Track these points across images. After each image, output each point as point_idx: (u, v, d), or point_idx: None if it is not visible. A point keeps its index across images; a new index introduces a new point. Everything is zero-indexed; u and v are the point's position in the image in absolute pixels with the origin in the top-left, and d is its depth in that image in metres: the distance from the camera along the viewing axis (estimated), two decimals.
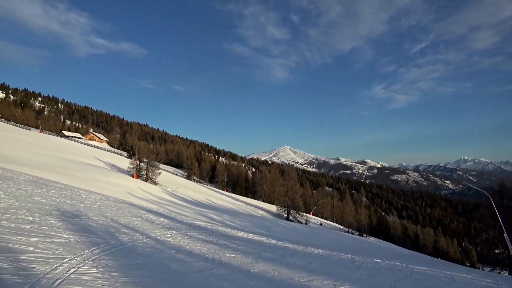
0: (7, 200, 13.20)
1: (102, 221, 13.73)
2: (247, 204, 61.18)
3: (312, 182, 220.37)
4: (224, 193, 77.21)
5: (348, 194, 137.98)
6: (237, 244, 14.29)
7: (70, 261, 7.10)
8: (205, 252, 11.17)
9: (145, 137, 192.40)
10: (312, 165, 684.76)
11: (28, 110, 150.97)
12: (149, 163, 54.25)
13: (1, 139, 55.77)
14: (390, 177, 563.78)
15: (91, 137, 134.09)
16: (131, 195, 33.58)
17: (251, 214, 47.46)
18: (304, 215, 57.58)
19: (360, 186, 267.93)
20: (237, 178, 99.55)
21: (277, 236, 23.23)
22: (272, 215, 54.12)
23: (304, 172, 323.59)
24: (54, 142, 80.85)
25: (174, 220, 19.91)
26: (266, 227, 31.71)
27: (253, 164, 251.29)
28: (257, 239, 17.78)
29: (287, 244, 16.94)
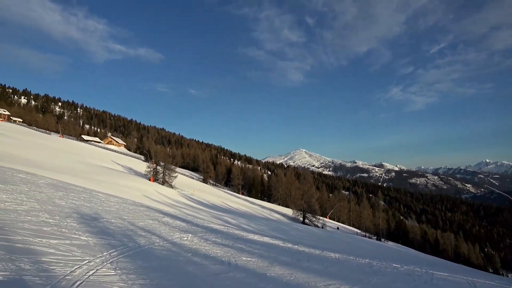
0: (29, 203, 13.57)
1: (120, 223, 13.92)
2: (262, 208, 61.05)
3: (328, 185, 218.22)
4: (239, 196, 77.30)
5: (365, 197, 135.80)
6: (253, 248, 14.24)
7: (89, 263, 7.21)
8: (221, 256, 11.18)
9: (161, 141, 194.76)
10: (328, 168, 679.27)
11: (49, 115, 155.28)
12: (166, 167, 54.84)
13: (24, 144, 57.40)
14: (408, 180, 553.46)
15: (109, 141, 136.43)
16: (148, 198, 33.98)
17: (267, 217, 47.32)
18: (320, 219, 57.07)
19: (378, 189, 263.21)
20: (252, 181, 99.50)
21: (293, 240, 23.07)
22: (288, 219, 53.84)
23: (320, 175, 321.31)
24: (73, 146, 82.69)
25: (190, 223, 20.02)
26: (282, 231, 31.54)
27: (268, 168, 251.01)
28: (273, 242, 17.69)
29: (303, 248, 16.80)
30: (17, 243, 7.56)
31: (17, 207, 12.21)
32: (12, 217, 10.46)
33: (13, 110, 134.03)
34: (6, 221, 9.60)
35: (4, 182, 17.66)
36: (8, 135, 64.00)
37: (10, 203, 12.68)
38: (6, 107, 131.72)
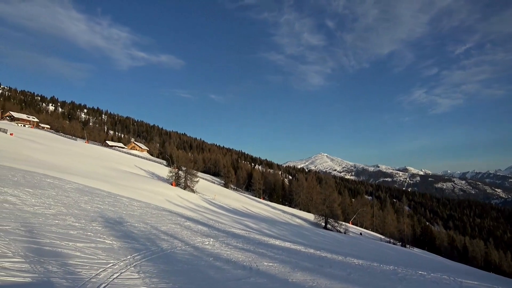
0: (56, 207, 14.01)
1: (143, 227, 14.14)
2: (284, 213, 60.71)
3: (350, 190, 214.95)
4: (261, 201, 77.19)
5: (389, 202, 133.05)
6: (275, 253, 14.16)
7: (113, 266, 7.34)
8: (243, 260, 11.15)
9: (183, 146, 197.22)
10: (350, 173, 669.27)
11: (75, 122, 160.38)
12: (187, 172, 55.45)
13: (51, 149, 59.38)
14: (434, 185, 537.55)
15: (133, 146, 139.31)
16: (170, 202, 34.39)
17: (288, 222, 47.01)
18: (343, 224, 56.19)
19: (402, 194, 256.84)
20: (273, 186, 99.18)
21: (315, 245, 22.80)
22: (309, 224, 53.30)
23: (342, 180, 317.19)
24: (98, 151, 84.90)
25: (212, 228, 20.12)
26: (304, 236, 31.25)
27: (289, 172, 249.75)
28: (294, 248, 17.53)
29: (326, 254, 16.56)
30: (45, 246, 7.80)
31: (45, 211, 12.62)
32: (41, 220, 10.81)
33: (42, 117, 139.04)
34: (35, 225, 9.93)
35: (33, 187, 18.30)
36: (37, 141, 66.39)
37: (38, 207, 13.12)
38: (35, 114, 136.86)
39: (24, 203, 13.25)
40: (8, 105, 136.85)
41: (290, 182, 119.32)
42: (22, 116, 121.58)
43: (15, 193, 14.99)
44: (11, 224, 9.27)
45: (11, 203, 12.58)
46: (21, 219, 10.26)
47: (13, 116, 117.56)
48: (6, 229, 8.61)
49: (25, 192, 15.72)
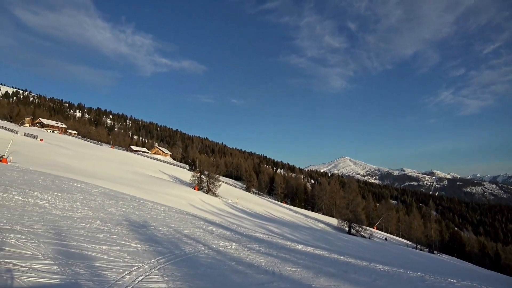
0: (83, 211, 14.41)
1: (166, 231, 14.31)
2: (306, 217, 60.13)
3: (375, 194, 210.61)
4: (283, 205, 76.78)
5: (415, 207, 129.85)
6: (298, 258, 14.01)
7: (138, 269, 7.45)
8: (265, 265, 11.09)
9: (205, 150, 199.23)
10: (374, 177, 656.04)
11: (101, 127, 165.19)
12: (210, 176, 55.86)
13: (79, 155, 61.23)
14: (462, 189, 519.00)
15: (156, 151, 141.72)
16: (193, 206, 34.71)
17: (311, 227, 46.51)
18: (367, 229, 55.07)
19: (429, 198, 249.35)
20: (295, 190, 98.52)
21: (339, 250, 22.43)
22: (333, 229, 52.57)
23: (365, 184, 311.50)
24: (123, 156, 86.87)
25: (234, 232, 20.14)
26: (327, 241, 30.82)
27: (312, 176, 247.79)
28: (318, 253, 17.31)
29: (350, 259, 16.26)
30: (73, 248, 8.01)
31: (73, 214, 13.00)
32: (69, 223, 11.14)
33: (69, 123, 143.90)
34: (63, 228, 10.24)
35: (62, 191, 18.89)
36: (65, 147, 68.66)
37: (66, 211, 13.53)
38: (63, 121, 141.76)
39: (53, 207, 13.70)
40: (38, 112, 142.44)
41: (312, 186, 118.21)
42: (51, 122, 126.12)
43: (44, 197, 15.52)
44: (41, 227, 9.60)
45: (41, 207, 13.03)
46: (51, 222, 10.60)
47: (42, 122, 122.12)
48: (37, 231, 8.92)
49: (54, 196, 16.26)
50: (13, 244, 7.19)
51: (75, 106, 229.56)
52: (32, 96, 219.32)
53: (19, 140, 59.31)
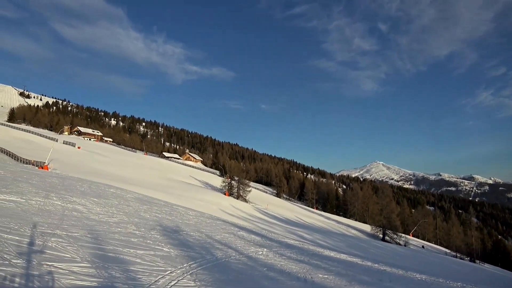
0: (119, 216, 14.86)
1: (198, 236, 14.47)
2: (338, 223, 59.03)
3: (410, 200, 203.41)
4: (314, 211, 75.79)
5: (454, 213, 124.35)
6: (330, 265, 13.73)
7: (171, 273, 7.55)
8: (297, 272, 10.94)
9: (235, 156, 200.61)
10: (409, 182, 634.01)
11: (135, 135, 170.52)
12: (240, 181, 56.16)
13: (114, 161, 63.41)
14: (506, 194, 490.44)
15: (187, 157, 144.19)
16: (224, 212, 34.96)
17: (343, 233, 45.60)
18: (402, 236, 53.27)
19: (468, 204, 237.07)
20: (327, 195, 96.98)
21: (373, 258, 21.79)
22: (366, 235, 51.26)
23: (400, 189, 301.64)
24: (156, 162, 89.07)
25: (265, 238, 20.06)
26: (360, 248, 30.05)
27: (343, 181, 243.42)
28: (351, 260, 16.89)
29: (385, 267, 15.74)
30: (109, 252, 8.25)
31: (108, 219, 13.43)
32: (105, 228, 11.51)
33: (105, 131, 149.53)
34: (100, 232, 10.59)
35: (98, 196, 19.60)
36: (101, 154, 71.38)
37: (103, 215, 14.00)
38: (99, 129, 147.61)
39: (90, 212, 14.22)
40: (76, 121, 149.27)
41: (344, 191, 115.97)
42: (88, 130, 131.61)
43: (82, 202, 16.15)
44: (79, 231, 9.97)
45: (79, 212, 13.56)
46: (88, 227, 11.00)
47: (80, 131, 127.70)
48: (75, 236, 9.27)
49: (91, 201, 16.88)
50: (53, 248, 7.50)
51: (110, 115, 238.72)
52: (71, 106, 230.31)
53: (59, 148, 62.28)
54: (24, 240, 7.63)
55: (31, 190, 16.30)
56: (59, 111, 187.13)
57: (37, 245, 7.44)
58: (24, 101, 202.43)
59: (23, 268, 5.72)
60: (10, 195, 13.59)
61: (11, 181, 18.29)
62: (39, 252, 6.90)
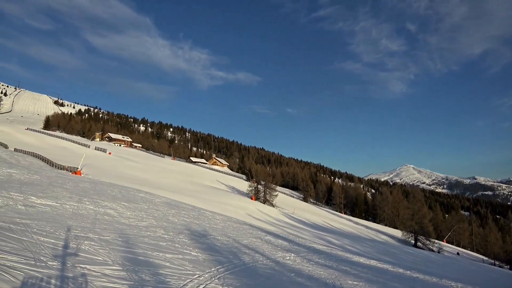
0: (148, 220, 15.17)
1: (225, 241, 14.53)
2: (367, 228, 57.72)
3: (443, 204, 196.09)
4: (342, 215, 74.51)
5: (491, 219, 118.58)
6: (359, 271, 13.40)
7: (199, 277, 7.60)
8: (325, 277, 10.74)
9: (261, 160, 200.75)
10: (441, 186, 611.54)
11: (163, 140, 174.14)
12: (266, 186, 56.08)
13: (143, 166, 64.98)
14: None
15: (214, 162, 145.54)
16: (251, 216, 34.99)
17: (372, 239, 44.53)
18: (435, 242, 51.36)
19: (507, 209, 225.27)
20: (355, 200, 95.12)
21: (405, 264, 21.11)
22: (397, 241, 49.82)
23: (432, 193, 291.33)
24: (183, 167, 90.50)
25: (292, 243, 19.89)
26: (391, 254, 29.22)
27: (372, 185, 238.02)
28: (381, 266, 16.44)
29: (417, 275, 15.20)
30: (139, 255, 8.42)
31: (138, 223, 13.74)
32: (135, 232, 11.78)
33: (134, 136, 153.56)
34: (130, 236, 10.84)
35: (128, 201, 20.11)
36: (131, 159, 73.35)
37: (133, 220, 14.35)
38: (129, 134, 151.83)
39: (121, 216, 14.60)
40: (107, 127, 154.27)
41: (373, 196, 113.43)
42: (118, 136, 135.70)
43: (113, 206, 16.61)
44: (110, 235, 10.25)
45: (110, 216, 13.95)
46: (119, 230, 11.29)
47: (111, 137, 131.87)
48: (107, 239, 9.53)
49: (121, 206, 17.34)
50: (86, 250, 7.74)
51: (139, 121, 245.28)
52: (102, 113, 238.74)
53: (91, 153, 64.55)
54: (59, 243, 7.91)
55: (65, 195, 16.95)
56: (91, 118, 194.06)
57: (71, 248, 7.70)
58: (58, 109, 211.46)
59: (58, 270, 5.93)
60: (46, 200, 14.18)
61: (47, 186, 19.09)
62: (73, 255, 7.14)
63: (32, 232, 8.32)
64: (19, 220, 9.51)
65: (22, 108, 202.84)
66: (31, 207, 12.19)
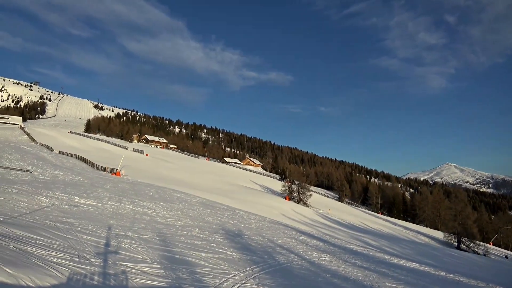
0: (184, 219, 15.51)
1: (260, 240, 14.55)
2: (406, 229, 55.80)
3: (488, 205, 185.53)
4: (379, 216, 72.47)
5: None
6: (398, 273, 12.96)
7: (234, 277, 7.66)
8: (362, 279, 10.48)
9: (295, 160, 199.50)
10: (486, 185, 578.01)
11: (197, 141, 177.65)
12: (300, 185, 55.64)
13: (179, 167, 66.52)
14: None
15: (247, 162, 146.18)
16: (285, 216, 34.83)
17: (412, 240, 43.00)
18: (481, 245, 48.73)
19: None
20: (392, 200, 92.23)
21: (447, 267, 20.20)
22: (438, 243, 47.79)
23: (476, 193, 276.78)
24: (217, 168, 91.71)
25: (328, 243, 19.60)
26: (432, 256, 28.05)
27: (410, 185, 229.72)
28: (422, 269, 15.82)
29: (461, 278, 14.48)
30: (176, 254, 8.62)
31: (175, 223, 14.07)
32: (172, 231, 12.07)
33: (170, 138, 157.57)
34: (167, 235, 11.13)
35: (165, 201, 20.66)
36: (167, 160, 75.32)
37: (170, 219, 14.72)
38: (164, 136, 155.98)
39: (158, 215, 15.03)
40: (143, 129, 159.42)
41: (411, 195, 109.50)
42: (154, 138, 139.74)
43: (151, 206, 17.13)
44: (149, 234, 10.57)
45: (148, 215, 14.40)
46: (156, 229, 11.62)
47: (147, 138, 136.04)
48: (145, 238, 9.84)
49: (158, 206, 17.84)
50: (126, 248, 8.03)
51: (174, 123, 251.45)
52: (138, 116, 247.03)
53: (129, 155, 67.01)
54: (101, 241, 8.26)
55: (106, 195, 17.69)
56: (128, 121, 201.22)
57: (112, 246, 8.01)
58: (98, 113, 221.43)
59: (101, 267, 6.18)
60: (88, 200, 14.86)
61: (88, 186, 20.01)
62: (114, 253, 7.42)
63: (76, 231, 8.75)
64: (64, 219, 10.03)
65: (65, 112, 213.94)
66: (75, 206, 12.83)
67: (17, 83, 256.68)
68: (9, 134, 72.25)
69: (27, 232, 7.24)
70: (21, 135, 74.94)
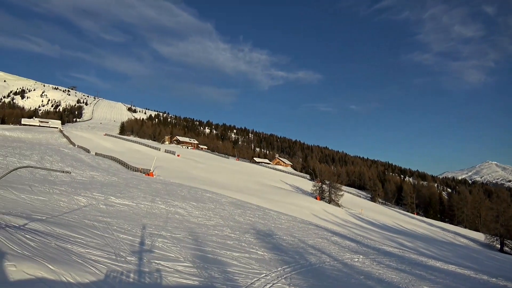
0: (215, 219, 15.70)
1: (291, 240, 14.47)
2: (444, 230, 53.65)
3: None
4: (414, 216, 70.14)
5: None
6: (436, 276, 12.46)
7: (266, 276, 7.65)
8: (398, 282, 10.17)
9: (325, 160, 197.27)
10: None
11: (227, 141, 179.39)
12: (331, 185, 54.84)
13: (209, 167, 67.41)
14: None
15: (277, 162, 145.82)
16: (316, 216, 34.46)
17: (450, 242, 41.31)
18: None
19: None
20: (428, 200, 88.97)
21: (490, 271, 19.21)
22: (479, 245, 45.62)
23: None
24: (247, 168, 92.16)
25: (361, 244, 19.18)
26: (473, 259, 26.81)
27: (447, 184, 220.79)
28: (461, 272, 15.14)
29: (506, 283, 13.72)
30: (208, 253, 8.73)
31: (206, 222, 14.27)
32: (203, 230, 12.25)
33: (200, 139, 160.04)
34: (199, 234, 11.30)
35: (197, 200, 21.00)
36: (198, 161, 76.55)
37: (201, 219, 14.95)
38: (195, 137, 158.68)
39: (190, 215, 15.29)
40: (175, 131, 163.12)
41: (449, 195, 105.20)
42: (185, 139, 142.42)
43: (183, 206, 17.46)
44: (181, 233, 10.78)
45: (180, 215, 14.68)
46: (189, 229, 11.83)
47: (178, 140, 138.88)
48: (178, 237, 10.04)
49: (190, 205, 18.16)
50: (160, 247, 8.22)
51: (204, 123, 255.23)
52: (170, 117, 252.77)
53: (161, 156, 68.68)
54: (136, 240, 8.50)
55: (139, 195, 18.21)
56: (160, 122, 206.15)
57: (146, 245, 8.23)
58: (131, 116, 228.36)
59: (136, 265, 6.36)
60: (123, 199, 15.36)
61: (123, 187, 20.68)
62: (148, 251, 7.62)
63: (113, 229, 9.06)
64: (101, 218, 10.42)
65: (101, 115, 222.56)
66: (111, 206, 13.30)
67: (56, 88, 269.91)
68: (50, 137, 76.10)
69: (67, 231, 7.57)
70: (60, 138, 78.81)
